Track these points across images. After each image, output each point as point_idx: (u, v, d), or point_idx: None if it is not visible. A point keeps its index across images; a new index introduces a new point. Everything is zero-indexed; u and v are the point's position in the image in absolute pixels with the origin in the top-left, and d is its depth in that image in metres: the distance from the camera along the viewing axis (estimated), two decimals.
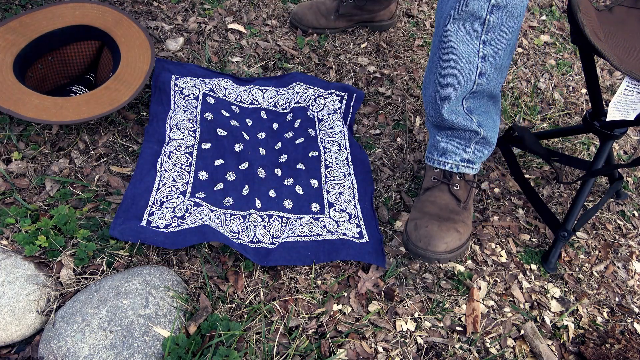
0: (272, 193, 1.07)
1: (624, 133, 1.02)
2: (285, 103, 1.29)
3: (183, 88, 1.21)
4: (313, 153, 1.16)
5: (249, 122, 1.22)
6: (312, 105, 1.29)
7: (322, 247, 0.97)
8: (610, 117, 0.90)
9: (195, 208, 0.98)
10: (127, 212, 0.95)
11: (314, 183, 1.10)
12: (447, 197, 1.02)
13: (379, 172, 1.18)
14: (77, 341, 0.76)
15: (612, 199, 1.24)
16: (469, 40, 0.88)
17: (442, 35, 0.89)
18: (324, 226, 1.02)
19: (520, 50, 1.65)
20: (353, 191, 1.11)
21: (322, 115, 1.27)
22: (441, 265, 1.00)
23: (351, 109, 1.29)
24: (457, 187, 1.03)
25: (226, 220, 0.99)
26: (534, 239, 1.11)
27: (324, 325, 0.89)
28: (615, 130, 1.01)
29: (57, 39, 1.13)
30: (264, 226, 0.99)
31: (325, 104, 1.29)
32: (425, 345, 0.90)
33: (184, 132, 1.12)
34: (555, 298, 1.01)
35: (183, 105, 1.18)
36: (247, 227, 0.98)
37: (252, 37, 1.45)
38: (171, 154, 1.08)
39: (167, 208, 0.98)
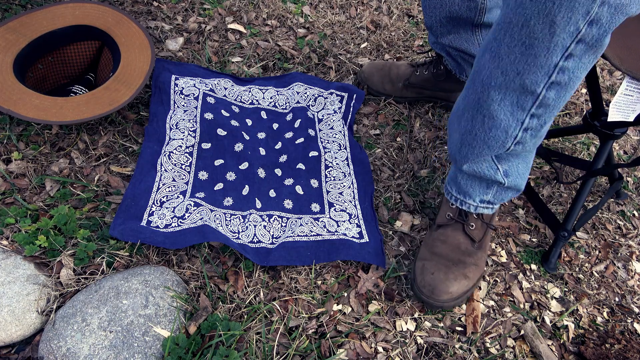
0: (272, 193, 1.07)
1: (624, 133, 1.02)
2: (285, 103, 1.29)
3: (183, 88, 1.21)
4: (313, 153, 1.16)
5: (249, 122, 1.22)
6: (312, 105, 1.29)
7: (322, 247, 0.97)
8: (612, 117, 0.90)
9: (195, 208, 0.98)
10: (127, 212, 0.95)
11: (314, 183, 1.10)
12: (461, 237, 0.96)
13: (379, 172, 1.18)
14: (77, 341, 0.76)
15: (612, 199, 1.24)
16: (515, 112, 0.77)
17: (480, 98, 0.79)
18: (324, 226, 1.02)
19: None
20: (353, 191, 1.11)
21: (322, 115, 1.27)
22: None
23: (351, 109, 1.29)
24: (472, 226, 0.96)
25: (226, 220, 0.99)
26: (534, 239, 1.11)
27: (324, 325, 0.89)
28: (616, 130, 1.01)
29: (57, 39, 1.13)
30: (264, 226, 0.99)
31: (325, 104, 1.29)
32: (425, 345, 0.90)
33: (184, 132, 1.12)
34: (555, 298, 1.01)
35: (183, 105, 1.18)
36: (247, 227, 0.98)
37: (252, 37, 1.45)
38: (171, 154, 1.08)
39: (167, 208, 0.98)
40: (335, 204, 1.07)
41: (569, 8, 0.63)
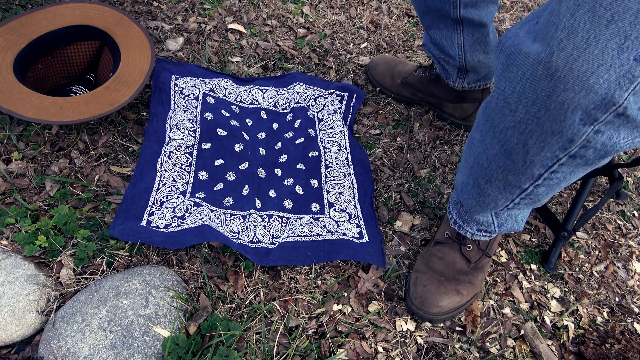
0: (272, 193, 1.07)
1: None
2: (285, 103, 1.29)
3: (183, 88, 1.21)
4: (313, 153, 1.16)
5: (249, 122, 1.21)
6: (312, 105, 1.29)
7: (322, 247, 0.97)
8: None
9: (195, 208, 0.98)
10: (127, 212, 0.95)
11: (314, 183, 1.10)
12: (457, 256, 0.95)
13: (379, 172, 1.18)
14: (77, 341, 0.76)
15: (612, 199, 1.24)
16: (503, 193, 0.75)
17: (472, 166, 0.76)
18: (324, 226, 1.02)
19: None
20: (353, 191, 1.11)
21: (322, 115, 1.27)
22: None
23: (351, 109, 1.29)
24: (469, 248, 0.95)
25: (226, 220, 0.99)
26: (534, 239, 1.11)
27: (324, 325, 0.89)
28: None
29: (57, 39, 1.13)
30: (264, 226, 0.99)
31: (325, 104, 1.29)
32: (425, 345, 0.90)
33: (184, 132, 1.12)
34: (555, 298, 1.01)
35: (183, 105, 1.18)
36: (247, 227, 0.98)
37: (252, 37, 1.45)
38: (171, 154, 1.08)
39: (167, 208, 0.98)
40: (335, 204, 1.07)
41: (540, 140, 0.58)
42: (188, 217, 0.96)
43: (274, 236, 0.98)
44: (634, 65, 0.47)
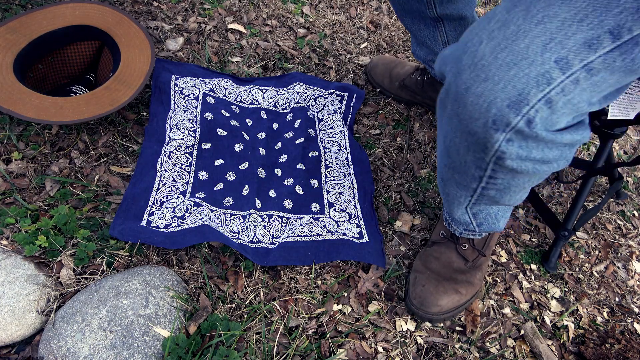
0: (272, 193, 1.07)
1: (624, 132, 1.02)
2: (285, 103, 1.29)
3: (183, 88, 1.21)
4: (313, 153, 1.16)
5: (249, 122, 1.21)
6: (312, 105, 1.29)
7: (322, 247, 0.97)
8: (611, 116, 0.90)
9: (195, 208, 0.98)
10: (127, 212, 0.95)
11: (314, 183, 1.10)
12: (454, 255, 0.95)
13: (379, 172, 1.18)
14: (77, 341, 0.76)
15: (612, 199, 1.24)
16: (460, 191, 0.74)
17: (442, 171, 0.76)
18: (324, 226, 1.02)
19: None
20: (353, 191, 1.11)
21: (322, 115, 1.27)
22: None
23: (351, 109, 1.29)
24: (464, 247, 0.95)
25: (226, 220, 0.99)
26: (534, 239, 1.11)
27: (324, 325, 0.89)
28: (615, 129, 1.01)
29: (57, 39, 1.13)
30: (264, 226, 0.99)
31: (325, 104, 1.29)
32: (425, 345, 0.90)
33: (184, 132, 1.12)
34: (555, 298, 1.01)
35: (183, 105, 1.18)
36: (247, 227, 0.98)
37: (252, 37, 1.45)
38: (171, 154, 1.08)
39: (167, 208, 0.98)
40: (335, 204, 1.07)
41: (464, 140, 0.58)
42: (188, 217, 0.96)
43: (274, 236, 0.98)
44: (554, 67, 0.48)
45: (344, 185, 1.12)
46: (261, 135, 1.19)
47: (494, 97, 0.51)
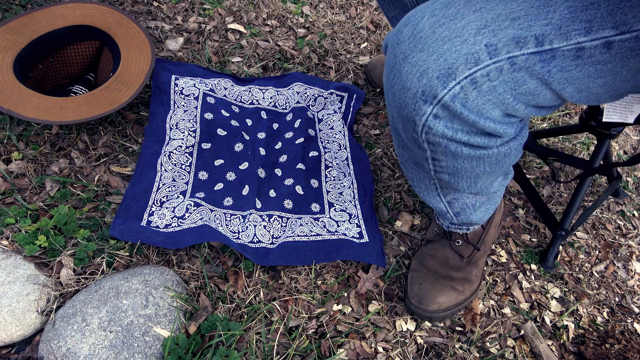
0: (272, 193, 1.07)
1: (620, 132, 1.02)
2: (285, 103, 1.29)
3: (183, 88, 1.21)
4: (313, 153, 1.16)
5: (249, 122, 1.22)
6: (312, 105, 1.29)
7: (322, 247, 0.97)
8: (607, 118, 0.91)
9: (195, 208, 0.98)
10: (127, 212, 0.95)
11: (314, 183, 1.10)
12: (449, 252, 0.95)
13: (379, 172, 1.18)
14: (77, 341, 0.76)
15: (612, 199, 1.24)
16: (418, 171, 0.77)
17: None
18: (324, 226, 1.02)
19: None
20: (353, 191, 1.11)
21: (322, 115, 1.27)
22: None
23: (351, 109, 1.29)
24: (458, 243, 0.95)
25: (226, 220, 0.99)
26: (534, 239, 1.11)
27: (324, 325, 0.89)
28: (612, 129, 1.01)
29: (57, 39, 1.13)
30: (264, 226, 0.99)
31: (325, 104, 1.29)
32: (425, 345, 0.90)
33: (184, 132, 1.12)
34: (555, 298, 1.01)
35: (183, 105, 1.18)
36: (247, 227, 0.98)
37: (252, 37, 1.45)
38: (171, 154, 1.08)
39: (167, 208, 0.98)
40: (335, 204, 1.07)
41: (401, 114, 0.61)
42: (188, 217, 0.96)
43: (274, 236, 0.98)
44: (483, 49, 0.53)
45: (344, 185, 1.12)
46: (261, 135, 1.19)
47: (427, 67, 0.55)
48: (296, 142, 1.18)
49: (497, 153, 0.64)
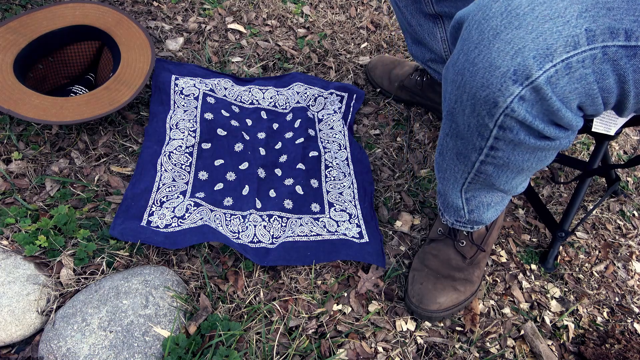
0: (272, 193, 1.07)
1: (618, 133, 1.02)
2: (285, 103, 1.29)
3: (183, 88, 1.21)
4: (313, 153, 1.16)
5: (249, 122, 1.22)
6: (312, 105, 1.29)
7: (322, 247, 0.97)
8: (595, 129, 0.93)
9: (195, 208, 0.98)
10: (127, 212, 0.95)
11: (314, 183, 1.10)
12: (451, 252, 0.95)
13: (379, 172, 1.18)
14: (77, 341, 0.76)
15: (613, 199, 1.24)
16: (458, 165, 0.75)
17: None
18: (324, 226, 1.02)
19: None
20: (353, 191, 1.11)
21: (322, 115, 1.27)
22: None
23: (351, 109, 1.29)
24: (462, 243, 0.95)
25: (226, 220, 0.99)
26: (534, 239, 1.11)
27: (324, 325, 0.89)
28: None
29: (57, 39, 1.13)
30: (264, 226, 0.99)
31: (325, 104, 1.29)
32: (425, 345, 0.90)
33: (184, 132, 1.12)
34: (555, 298, 1.01)
35: (183, 105, 1.18)
36: (247, 227, 0.98)
37: (252, 37, 1.45)
38: (171, 154, 1.08)
39: (167, 208, 0.98)
40: (335, 204, 1.07)
41: (471, 97, 0.59)
42: (188, 217, 0.96)
43: (274, 236, 0.98)
44: (583, 34, 0.50)
45: (344, 185, 1.12)
46: (261, 135, 1.19)
47: (523, 46, 0.52)
48: (296, 142, 1.18)
49: (555, 147, 0.62)
